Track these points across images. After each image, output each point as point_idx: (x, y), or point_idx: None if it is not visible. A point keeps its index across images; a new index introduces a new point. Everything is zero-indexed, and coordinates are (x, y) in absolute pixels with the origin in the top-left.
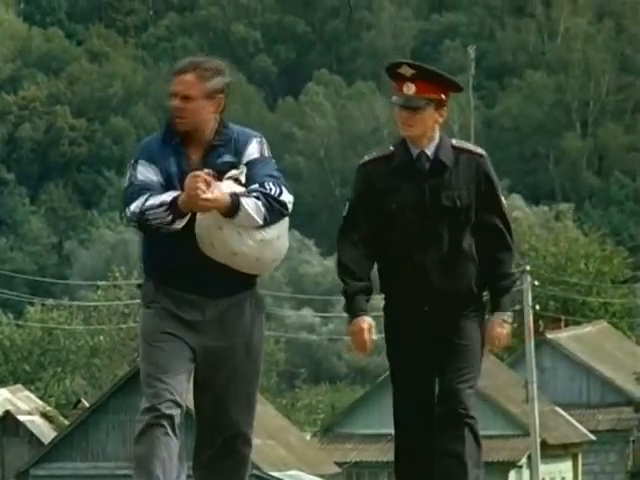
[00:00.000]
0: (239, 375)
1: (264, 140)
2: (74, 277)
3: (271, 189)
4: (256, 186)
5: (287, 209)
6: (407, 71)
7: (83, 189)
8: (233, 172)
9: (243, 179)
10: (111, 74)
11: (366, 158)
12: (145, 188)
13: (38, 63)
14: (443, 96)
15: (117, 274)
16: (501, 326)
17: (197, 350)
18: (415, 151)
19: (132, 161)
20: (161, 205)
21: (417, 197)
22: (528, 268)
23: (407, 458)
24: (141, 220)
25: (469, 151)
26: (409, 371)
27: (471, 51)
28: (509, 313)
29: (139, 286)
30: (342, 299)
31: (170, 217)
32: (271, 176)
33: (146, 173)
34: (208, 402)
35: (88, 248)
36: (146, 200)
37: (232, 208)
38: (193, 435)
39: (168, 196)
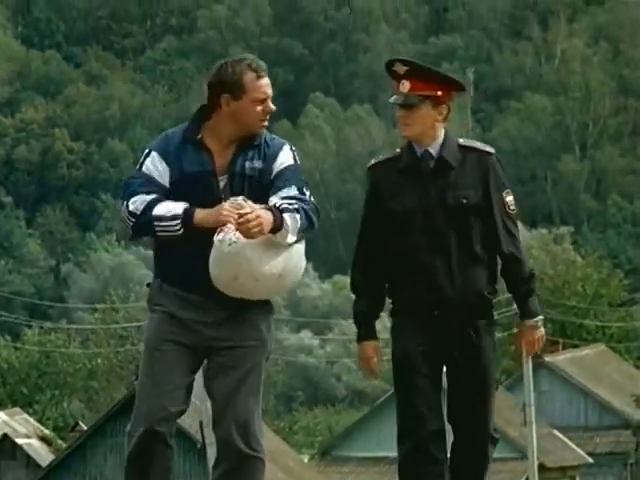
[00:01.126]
0: (248, 375)
1: (294, 148)
2: (72, 300)
3: (310, 196)
4: (296, 192)
5: (319, 218)
6: (400, 68)
7: (80, 212)
8: (237, 201)
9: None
10: (109, 97)
11: (373, 161)
12: (149, 183)
13: (36, 86)
14: (439, 93)
15: (114, 297)
16: (534, 332)
17: (204, 352)
18: (420, 151)
19: (147, 149)
20: (173, 218)
21: (423, 198)
22: None
23: (408, 466)
24: (143, 226)
25: (477, 149)
26: (414, 378)
27: (470, 74)
28: (540, 316)
29: (148, 285)
30: (339, 322)
31: (181, 231)
32: (306, 183)
33: (154, 169)
34: (221, 398)
35: (86, 271)
36: (149, 205)
37: (275, 228)
38: (184, 455)
39: (178, 208)
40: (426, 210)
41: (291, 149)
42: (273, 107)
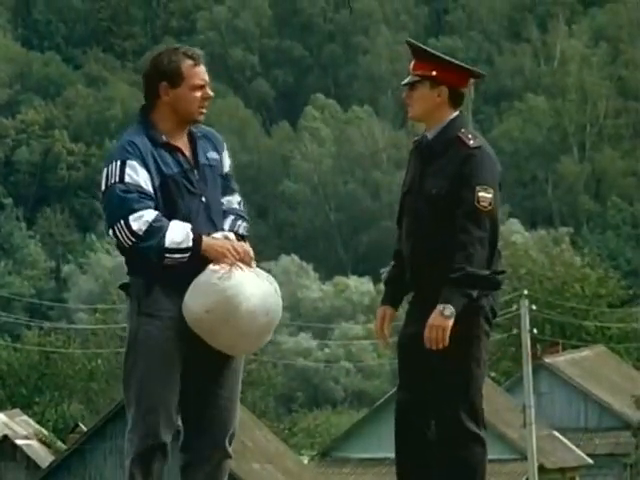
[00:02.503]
0: (235, 382)
1: None
2: (71, 301)
3: (246, 216)
4: (239, 198)
5: None
6: (408, 49)
7: (80, 213)
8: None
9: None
10: (109, 98)
11: (415, 138)
12: (143, 197)
13: (36, 87)
14: (434, 73)
15: (115, 297)
16: (438, 317)
17: (194, 357)
18: (425, 134)
19: (116, 160)
20: (185, 250)
21: (414, 182)
22: (526, 292)
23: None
24: (146, 252)
25: (462, 141)
26: (402, 366)
27: None
28: (450, 307)
29: (124, 286)
30: (340, 324)
31: (187, 260)
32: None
33: (139, 178)
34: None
35: (86, 272)
36: (155, 229)
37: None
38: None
39: (187, 238)
40: (412, 195)
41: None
42: (211, 93)
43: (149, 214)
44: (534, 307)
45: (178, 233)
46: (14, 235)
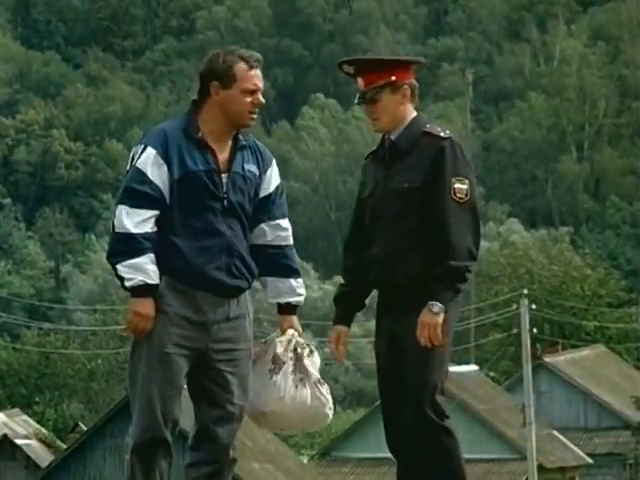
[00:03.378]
0: (242, 381)
1: None
2: (71, 301)
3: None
4: (287, 224)
5: None
6: (349, 69)
7: (79, 213)
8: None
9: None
10: (108, 98)
11: (367, 153)
12: (149, 197)
13: (35, 87)
14: (393, 78)
15: (114, 297)
16: (427, 315)
17: (202, 353)
18: (388, 137)
19: (143, 144)
20: (122, 281)
21: (377, 184)
22: (525, 292)
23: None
24: (117, 246)
25: (432, 134)
26: (378, 367)
27: (469, 75)
28: (437, 304)
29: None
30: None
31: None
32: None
33: (151, 170)
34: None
35: (86, 272)
36: (139, 246)
37: None
38: (184, 455)
39: (134, 278)
40: (376, 197)
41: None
42: (263, 100)
43: (140, 226)
44: (534, 306)
45: (137, 268)
46: (13, 235)
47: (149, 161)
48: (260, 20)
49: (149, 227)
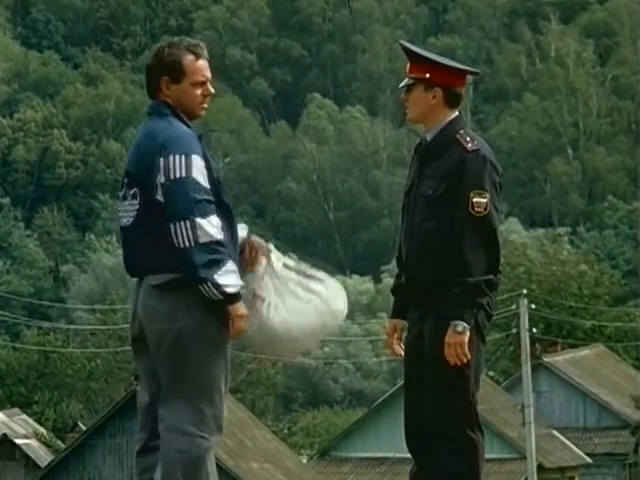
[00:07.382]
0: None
1: None
2: (71, 300)
3: None
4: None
5: None
6: (403, 53)
7: (78, 213)
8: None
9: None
10: (107, 97)
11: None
12: (214, 207)
13: (34, 86)
14: (427, 75)
15: (114, 297)
16: (453, 335)
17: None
18: (425, 135)
19: (187, 153)
20: (223, 294)
21: (412, 184)
22: (525, 292)
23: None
24: (195, 269)
25: (461, 144)
26: (405, 367)
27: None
28: (461, 323)
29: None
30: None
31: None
32: None
33: (204, 180)
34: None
35: (86, 271)
36: (222, 258)
37: None
38: None
39: (235, 283)
40: (410, 196)
41: None
42: (212, 90)
43: (220, 232)
44: (533, 306)
45: (232, 273)
46: (12, 234)
47: (200, 169)
48: (259, 20)
49: (223, 233)
